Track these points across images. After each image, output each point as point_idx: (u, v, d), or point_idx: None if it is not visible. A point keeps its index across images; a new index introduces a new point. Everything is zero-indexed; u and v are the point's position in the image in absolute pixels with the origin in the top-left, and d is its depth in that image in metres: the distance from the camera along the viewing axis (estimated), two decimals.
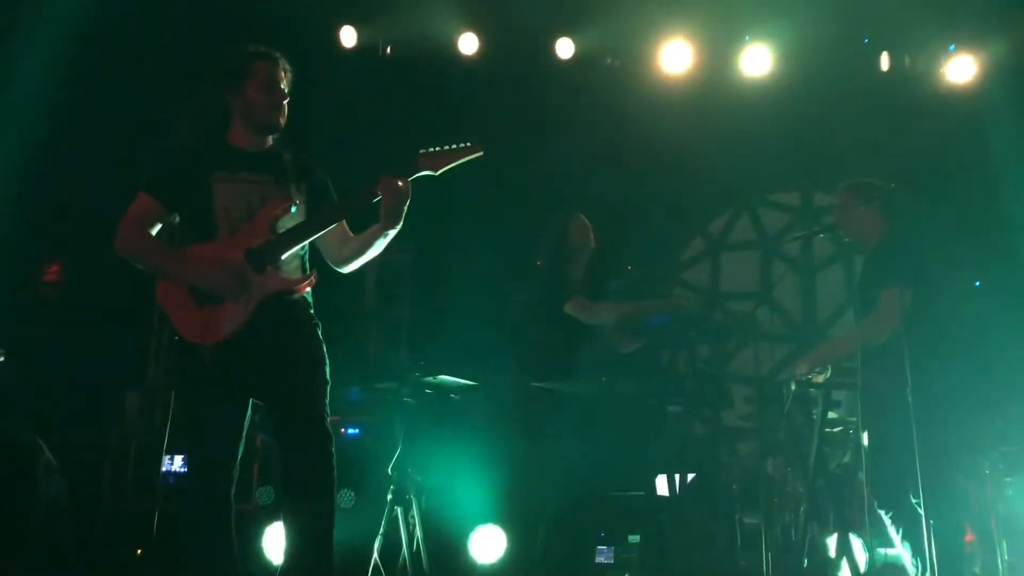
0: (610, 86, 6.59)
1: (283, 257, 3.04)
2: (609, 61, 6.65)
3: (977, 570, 4.48)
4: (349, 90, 6.20)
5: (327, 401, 3.10)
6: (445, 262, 6.01)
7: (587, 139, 6.52)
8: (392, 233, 3.10)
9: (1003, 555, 4.49)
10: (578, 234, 4.57)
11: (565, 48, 6.46)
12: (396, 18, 6.32)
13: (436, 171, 3.05)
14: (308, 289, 3.15)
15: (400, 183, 3.01)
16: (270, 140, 3.21)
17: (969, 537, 4.48)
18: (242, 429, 3.10)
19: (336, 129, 5.76)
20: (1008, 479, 4.74)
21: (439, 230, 5.29)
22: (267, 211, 3.04)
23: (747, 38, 6.51)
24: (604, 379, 4.24)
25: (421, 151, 3.05)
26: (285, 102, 3.16)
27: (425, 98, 6.42)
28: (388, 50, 6.51)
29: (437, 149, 3.05)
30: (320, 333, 3.16)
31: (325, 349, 3.15)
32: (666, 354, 5.00)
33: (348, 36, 6.34)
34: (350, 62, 6.37)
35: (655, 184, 6.87)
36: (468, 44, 6.41)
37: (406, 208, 3.04)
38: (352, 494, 4.78)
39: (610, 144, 6.56)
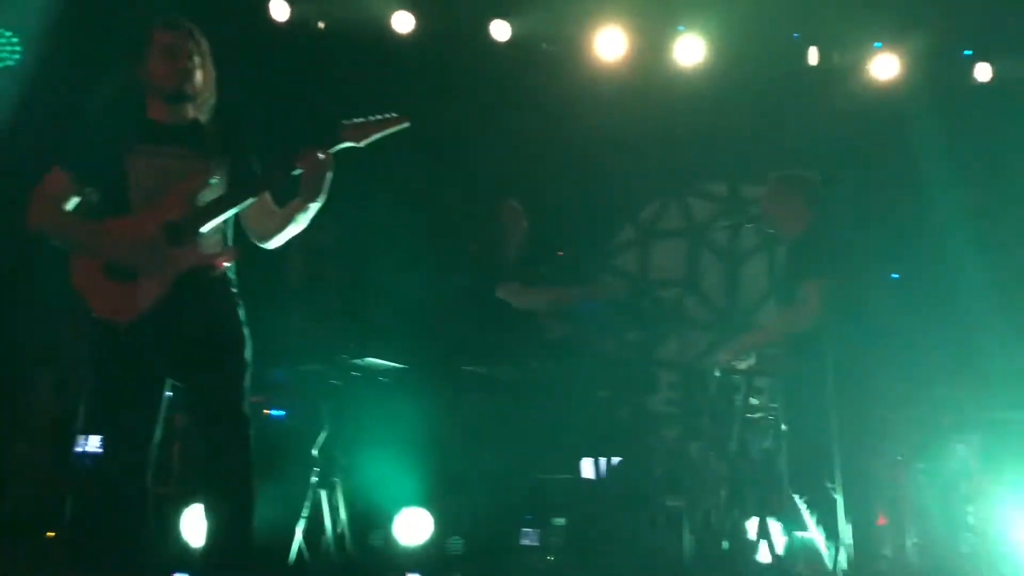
0: (545, 71, 6.57)
1: (202, 231, 2.95)
2: (544, 46, 6.63)
3: (887, 552, 4.63)
4: (280, 64, 6.07)
5: (246, 383, 3.02)
6: (373, 241, 5.95)
7: (521, 123, 6.49)
8: (314, 207, 3.02)
9: (912, 538, 4.66)
10: (510, 219, 4.58)
11: (501, 31, 6.42)
12: None
13: (359, 143, 2.99)
14: (229, 266, 3.06)
15: (321, 155, 2.95)
16: (191, 111, 3.10)
17: (881, 521, 4.63)
18: (158, 409, 3.00)
19: (267, 104, 5.63)
20: (919, 465, 4.91)
21: (368, 209, 5.22)
22: (185, 184, 2.96)
23: (681, 28, 6.57)
24: (533, 363, 4.27)
25: (345, 122, 2.98)
26: (193, 69, 3.03)
27: (358, 76, 6.32)
28: (321, 25, 6.38)
29: (361, 120, 2.99)
30: (242, 312, 3.07)
31: (246, 329, 3.06)
32: (594, 339, 5.04)
33: (280, 10, 6.19)
34: (282, 36, 6.22)
35: (587, 170, 6.89)
36: (403, 23, 6.32)
37: (328, 181, 2.98)
38: None
39: (543, 129, 6.54)
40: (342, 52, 6.31)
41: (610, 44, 6.47)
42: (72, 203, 3.01)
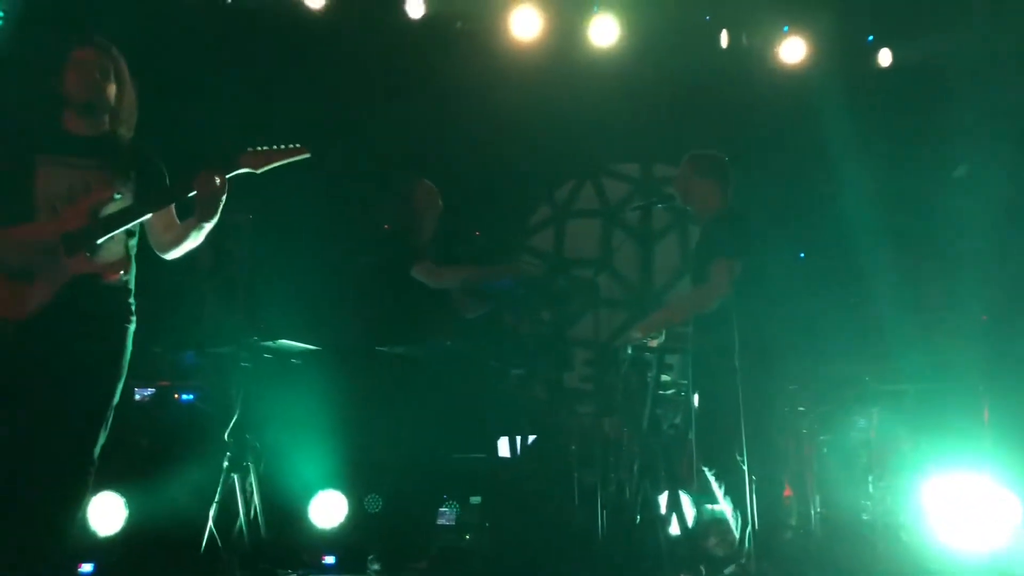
0: (460, 49, 6.53)
1: (99, 242, 3.06)
2: (459, 24, 6.58)
3: (793, 522, 4.80)
4: (187, 38, 5.89)
5: (112, 392, 3.10)
6: (285, 220, 5.85)
7: (435, 102, 6.45)
8: (207, 226, 3.16)
9: (816, 508, 4.83)
10: (423, 199, 4.55)
11: (415, 7, 6.35)
12: None
13: (257, 169, 3.16)
14: (126, 276, 3.16)
15: (217, 180, 3.08)
16: (106, 125, 3.21)
17: (787, 492, 4.79)
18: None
19: (175, 79, 5.47)
20: (822, 437, 5.09)
21: (280, 188, 5.13)
22: (89, 197, 3.07)
23: (596, 8, 6.60)
24: (448, 342, 4.26)
25: (248, 149, 3.12)
26: (104, 82, 3.17)
27: (268, 53, 6.18)
28: (229, 0, 6.20)
29: (262, 148, 3.13)
30: (131, 326, 3.18)
31: (127, 350, 3.15)
32: (509, 318, 5.07)
33: None
34: (189, 8, 6.03)
35: (503, 149, 6.89)
36: None
37: (222, 202, 3.10)
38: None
39: (458, 108, 6.52)
40: (251, 28, 6.15)
41: (525, 23, 6.46)
42: None
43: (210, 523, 4.31)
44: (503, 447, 4.96)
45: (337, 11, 6.22)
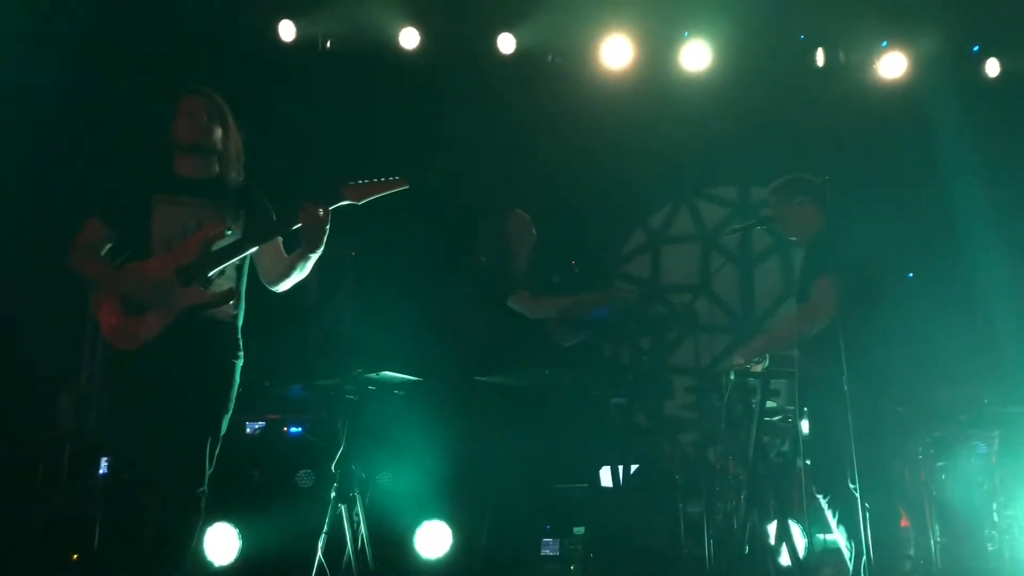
0: (552, 81, 6.60)
1: (210, 275, 3.21)
2: (550, 57, 6.66)
3: (911, 552, 4.59)
4: (288, 84, 6.13)
5: (218, 424, 3.23)
6: (387, 256, 5.97)
7: (529, 134, 6.52)
8: (314, 256, 3.30)
9: (936, 537, 4.61)
10: (517, 229, 4.57)
11: (507, 44, 6.46)
12: (336, 12, 6.26)
13: (359, 201, 3.28)
14: (235, 314, 3.32)
15: (321, 211, 3.20)
16: (215, 167, 3.40)
17: (904, 522, 4.59)
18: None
19: (278, 124, 5.69)
20: (940, 463, 4.87)
21: (379, 224, 5.26)
22: (201, 233, 3.23)
23: (687, 34, 6.58)
24: (547, 372, 4.26)
25: (350, 183, 3.25)
26: (210, 126, 3.36)
27: (365, 93, 6.37)
28: (328, 44, 6.43)
29: (363, 182, 3.25)
30: (239, 362, 3.32)
31: (236, 372, 3.30)
32: (608, 346, 5.04)
33: (287, 30, 6.26)
34: (289, 56, 6.28)
35: (597, 178, 6.91)
36: (409, 39, 6.37)
37: (325, 233, 3.23)
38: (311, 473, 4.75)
39: (552, 139, 6.57)
40: (349, 70, 6.36)
41: (616, 52, 6.50)
42: (105, 249, 3.33)
43: (319, 554, 4.39)
44: (605, 477, 4.91)
45: (431, 50, 6.39)
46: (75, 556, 4.66)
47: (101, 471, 4.80)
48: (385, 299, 5.66)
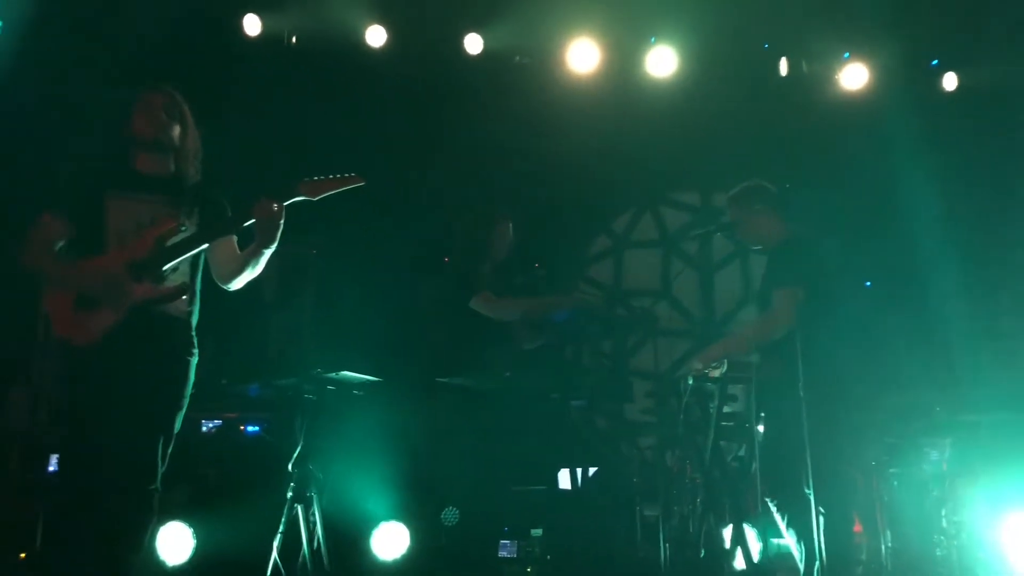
0: (518, 84, 6.61)
1: (164, 271, 3.19)
2: (517, 59, 6.67)
3: (863, 557, 4.66)
4: (253, 78, 6.07)
5: (171, 422, 3.21)
6: (349, 255, 5.93)
7: (495, 136, 6.52)
8: (267, 252, 3.29)
9: (887, 543, 4.69)
10: (501, 243, 4.57)
11: (474, 44, 6.45)
12: (302, 7, 6.21)
13: (314, 197, 3.26)
14: (189, 310, 3.31)
15: (275, 207, 3.20)
16: (171, 164, 3.37)
17: (857, 528, 4.65)
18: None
19: (240, 119, 5.63)
20: (892, 470, 4.95)
21: (342, 223, 5.23)
22: (154, 228, 3.22)
23: (653, 39, 6.62)
24: (508, 374, 4.26)
25: (305, 179, 3.25)
26: (169, 122, 3.34)
27: (331, 90, 6.33)
28: (293, 40, 6.38)
29: (319, 178, 3.26)
30: (193, 360, 3.30)
31: (191, 369, 3.28)
32: (569, 349, 5.06)
33: (252, 24, 6.20)
34: (254, 49, 6.22)
35: (562, 181, 6.92)
36: (376, 37, 6.34)
37: (279, 229, 3.23)
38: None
39: (518, 141, 6.58)
40: (314, 66, 6.31)
41: (583, 56, 6.51)
42: (59, 244, 3.28)
43: (274, 554, 4.35)
44: (564, 479, 4.93)
45: (397, 48, 6.36)
46: (22, 555, 4.57)
47: (51, 468, 4.72)
48: (346, 299, 5.63)
